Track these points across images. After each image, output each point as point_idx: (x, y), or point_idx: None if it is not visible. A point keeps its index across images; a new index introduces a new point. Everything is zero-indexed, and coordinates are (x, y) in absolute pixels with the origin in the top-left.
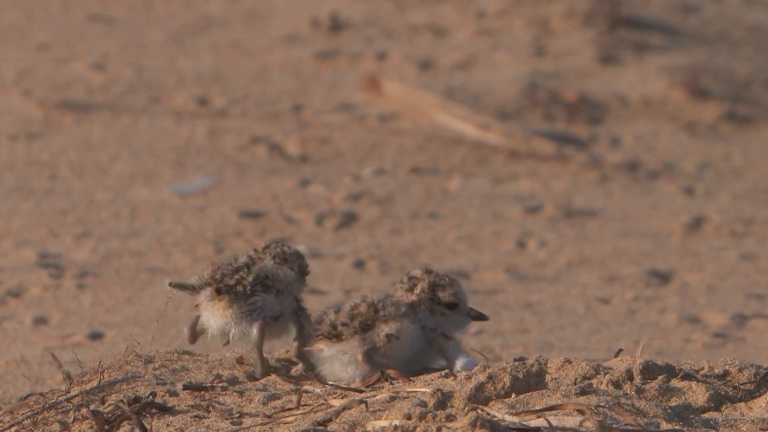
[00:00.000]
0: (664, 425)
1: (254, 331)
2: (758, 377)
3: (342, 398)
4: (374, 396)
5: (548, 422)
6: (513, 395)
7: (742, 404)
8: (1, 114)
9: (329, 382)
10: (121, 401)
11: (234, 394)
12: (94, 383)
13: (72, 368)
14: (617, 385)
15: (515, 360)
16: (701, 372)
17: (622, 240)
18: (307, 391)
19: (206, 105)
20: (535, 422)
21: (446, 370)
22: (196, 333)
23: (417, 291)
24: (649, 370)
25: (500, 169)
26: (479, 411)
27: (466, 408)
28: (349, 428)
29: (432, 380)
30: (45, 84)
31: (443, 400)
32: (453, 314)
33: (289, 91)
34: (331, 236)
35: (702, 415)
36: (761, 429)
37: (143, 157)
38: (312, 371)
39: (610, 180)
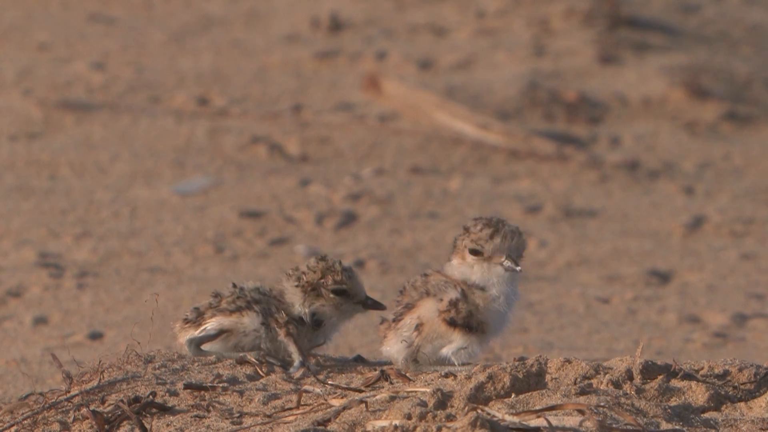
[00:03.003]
0: (664, 425)
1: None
2: (758, 377)
3: (342, 398)
4: (374, 396)
5: (548, 422)
6: (513, 395)
7: (742, 404)
8: (1, 114)
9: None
10: (121, 401)
11: (234, 393)
12: (94, 383)
13: (72, 368)
14: (617, 385)
15: (515, 360)
16: (701, 372)
17: (622, 240)
18: (307, 391)
19: (206, 105)
20: (535, 422)
21: (446, 370)
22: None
23: None
24: (649, 370)
25: (500, 169)
26: (479, 411)
27: (466, 408)
28: (349, 428)
29: (432, 380)
30: (45, 84)
31: (443, 400)
32: None
33: (289, 91)
34: (331, 236)
35: (702, 415)
36: (761, 429)
37: (143, 157)
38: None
39: (610, 180)
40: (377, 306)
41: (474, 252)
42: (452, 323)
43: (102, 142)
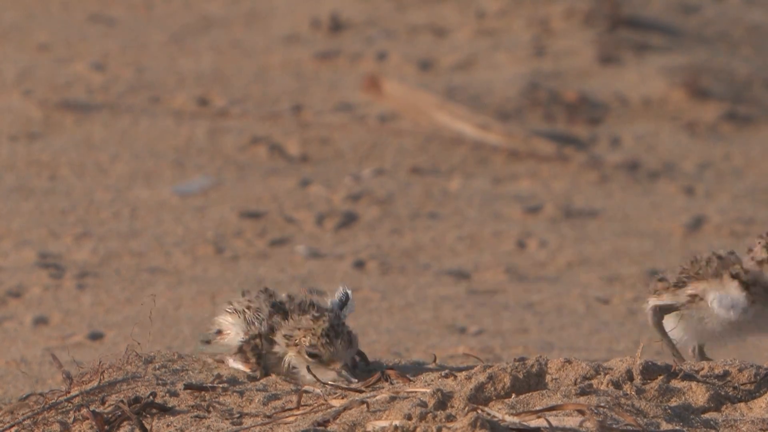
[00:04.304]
0: (664, 425)
1: None
2: (758, 377)
3: (342, 398)
4: (374, 396)
5: (548, 422)
6: (513, 395)
7: (742, 404)
8: (1, 114)
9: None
10: (121, 401)
11: (234, 394)
12: (94, 383)
13: (72, 368)
14: (617, 385)
15: (515, 360)
16: (701, 372)
17: (622, 240)
18: (307, 392)
19: (206, 105)
20: (535, 422)
21: (446, 371)
22: None
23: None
24: (649, 371)
25: (500, 169)
26: (479, 411)
27: (467, 408)
28: (349, 428)
29: (432, 380)
30: (45, 84)
31: (443, 400)
32: None
33: (289, 91)
34: (331, 236)
35: (702, 416)
36: (761, 429)
37: (143, 157)
38: None
39: (610, 180)
40: (349, 378)
41: None
42: (735, 276)
43: (102, 143)
